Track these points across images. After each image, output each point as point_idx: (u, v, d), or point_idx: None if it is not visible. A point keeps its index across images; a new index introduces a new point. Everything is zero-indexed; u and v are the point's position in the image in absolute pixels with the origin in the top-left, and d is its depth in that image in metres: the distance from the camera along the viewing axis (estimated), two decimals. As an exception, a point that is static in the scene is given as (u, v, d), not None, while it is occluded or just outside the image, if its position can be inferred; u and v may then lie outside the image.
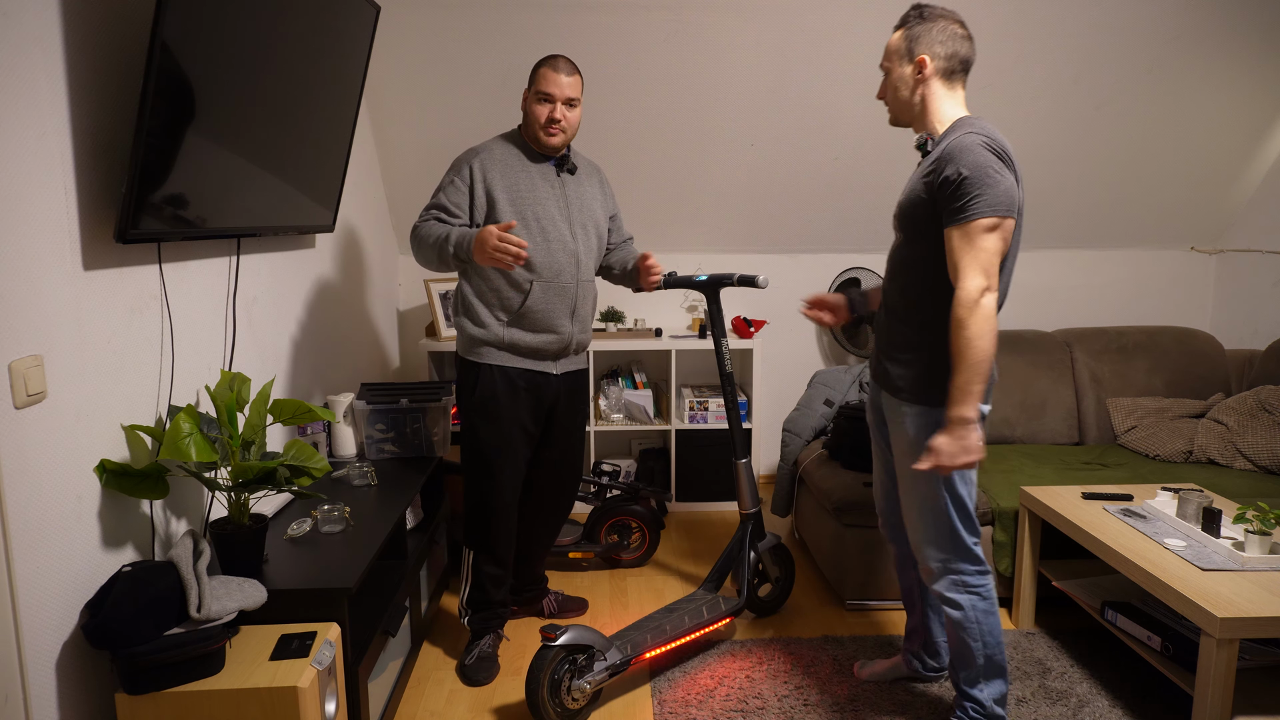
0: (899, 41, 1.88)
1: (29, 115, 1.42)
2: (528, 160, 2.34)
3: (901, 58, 1.88)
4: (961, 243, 1.73)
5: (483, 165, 2.30)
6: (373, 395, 2.69)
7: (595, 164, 2.54)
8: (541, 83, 2.28)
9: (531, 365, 2.36)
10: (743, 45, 3.22)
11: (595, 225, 2.43)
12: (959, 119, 1.85)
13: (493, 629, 2.49)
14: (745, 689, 2.33)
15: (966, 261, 1.73)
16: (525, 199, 2.30)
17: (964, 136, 1.75)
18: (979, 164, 1.71)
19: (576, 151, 2.48)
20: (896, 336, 1.95)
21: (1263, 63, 3.37)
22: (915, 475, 1.91)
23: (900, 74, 1.89)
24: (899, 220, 1.93)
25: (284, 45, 2.00)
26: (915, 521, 1.97)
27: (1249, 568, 2.01)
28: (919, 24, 1.86)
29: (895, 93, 1.91)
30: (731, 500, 3.75)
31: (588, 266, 2.39)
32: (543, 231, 2.30)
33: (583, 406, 2.57)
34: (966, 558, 1.94)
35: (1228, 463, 3.09)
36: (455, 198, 2.29)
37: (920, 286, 1.88)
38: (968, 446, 1.74)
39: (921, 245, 1.86)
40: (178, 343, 1.88)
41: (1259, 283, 3.86)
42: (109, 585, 1.56)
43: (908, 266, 1.92)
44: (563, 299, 2.34)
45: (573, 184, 2.39)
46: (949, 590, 1.96)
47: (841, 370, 3.43)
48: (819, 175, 3.68)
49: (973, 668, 1.99)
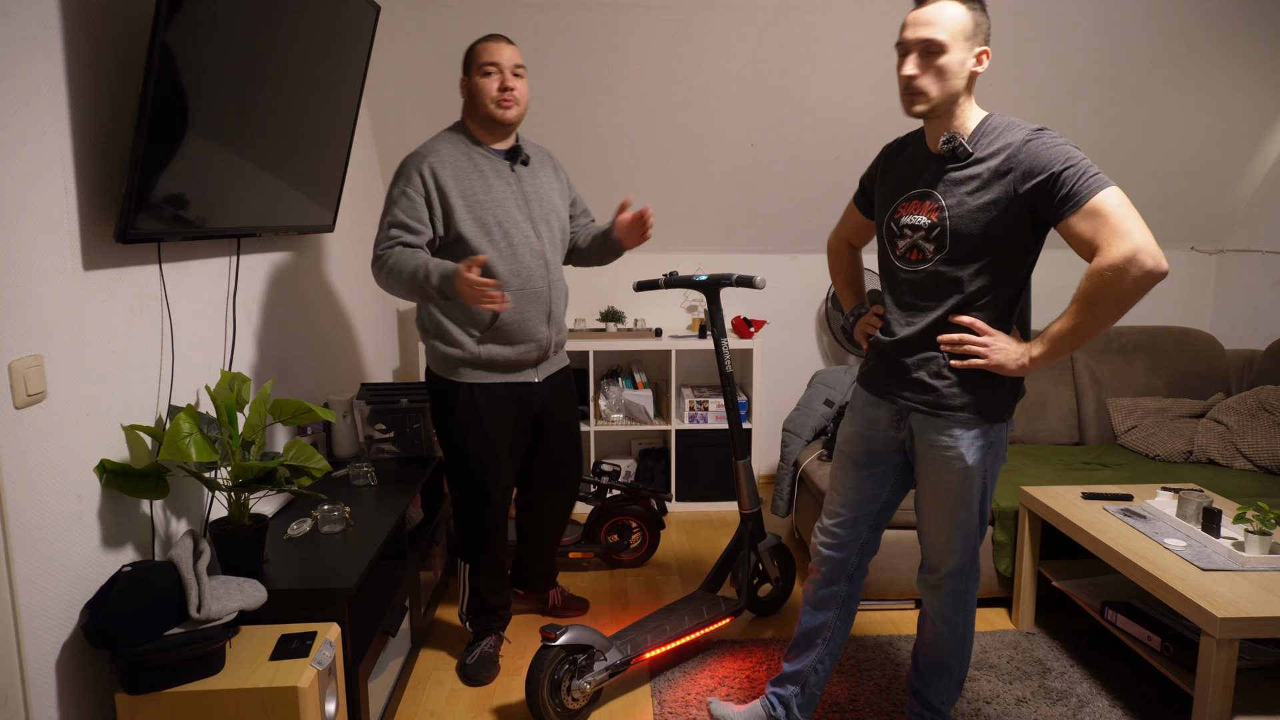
0: (965, 21, 1.60)
1: (29, 115, 1.42)
2: (478, 158, 2.21)
3: (968, 40, 1.61)
4: (1108, 211, 1.54)
5: (433, 170, 2.14)
6: (373, 395, 2.69)
7: (545, 149, 2.42)
8: (482, 55, 2.17)
9: (513, 378, 2.29)
10: (743, 45, 3.22)
11: (558, 218, 2.33)
12: (990, 116, 1.68)
13: (494, 630, 2.48)
14: (745, 689, 2.33)
15: (1122, 223, 1.52)
16: (483, 203, 2.17)
17: (1037, 134, 1.61)
18: (1077, 154, 1.58)
19: (525, 139, 2.35)
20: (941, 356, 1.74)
21: (1263, 63, 3.37)
22: (959, 502, 1.78)
23: (962, 60, 1.62)
24: (956, 239, 1.67)
25: (284, 45, 2.00)
26: (944, 545, 1.85)
27: (1249, 568, 2.01)
28: (979, 10, 1.63)
29: (950, 78, 1.62)
30: (731, 500, 3.75)
31: (556, 264, 2.31)
32: (506, 237, 2.18)
33: (573, 404, 2.52)
34: (975, 575, 1.91)
35: (1228, 463, 3.09)
36: (414, 212, 2.13)
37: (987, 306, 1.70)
38: (1011, 363, 1.66)
39: (989, 260, 1.67)
40: (178, 343, 1.88)
41: (1259, 283, 3.86)
42: (109, 585, 1.56)
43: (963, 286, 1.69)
44: (536, 305, 2.25)
45: (528, 176, 2.27)
46: (953, 611, 1.90)
47: (841, 370, 3.42)
48: (819, 175, 3.68)
49: (951, 681, 1.97)
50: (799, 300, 4.07)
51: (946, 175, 1.69)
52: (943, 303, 1.72)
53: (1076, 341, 1.62)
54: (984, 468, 1.77)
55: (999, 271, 1.68)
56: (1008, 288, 1.70)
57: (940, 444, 1.75)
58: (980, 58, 1.64)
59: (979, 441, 1.74)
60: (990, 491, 1.82)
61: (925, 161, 1.74)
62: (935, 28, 1.60)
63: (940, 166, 1.71)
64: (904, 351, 1.78)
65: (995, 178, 1.62)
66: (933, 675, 1.99)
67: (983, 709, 2.23)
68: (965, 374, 1.72)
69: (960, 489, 1.77)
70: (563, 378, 2.46)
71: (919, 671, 2.03)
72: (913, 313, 1.76)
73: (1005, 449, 1.82)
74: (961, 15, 1.60)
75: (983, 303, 1.70)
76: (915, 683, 2.04)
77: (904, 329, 1.77)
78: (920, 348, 1.75)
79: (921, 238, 1.72)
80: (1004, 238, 1.65)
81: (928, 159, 1.74)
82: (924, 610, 1.99)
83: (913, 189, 1.75)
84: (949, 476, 1.77)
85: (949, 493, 1.79)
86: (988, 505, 1.84)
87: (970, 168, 1.66)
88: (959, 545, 1.85)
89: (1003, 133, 1.64)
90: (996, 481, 1.84)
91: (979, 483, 1.78)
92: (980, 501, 1.81)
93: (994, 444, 1.76)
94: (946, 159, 1.69)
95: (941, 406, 1.73)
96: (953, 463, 1.75)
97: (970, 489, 1.78)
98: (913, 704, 2.05)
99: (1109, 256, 1.53)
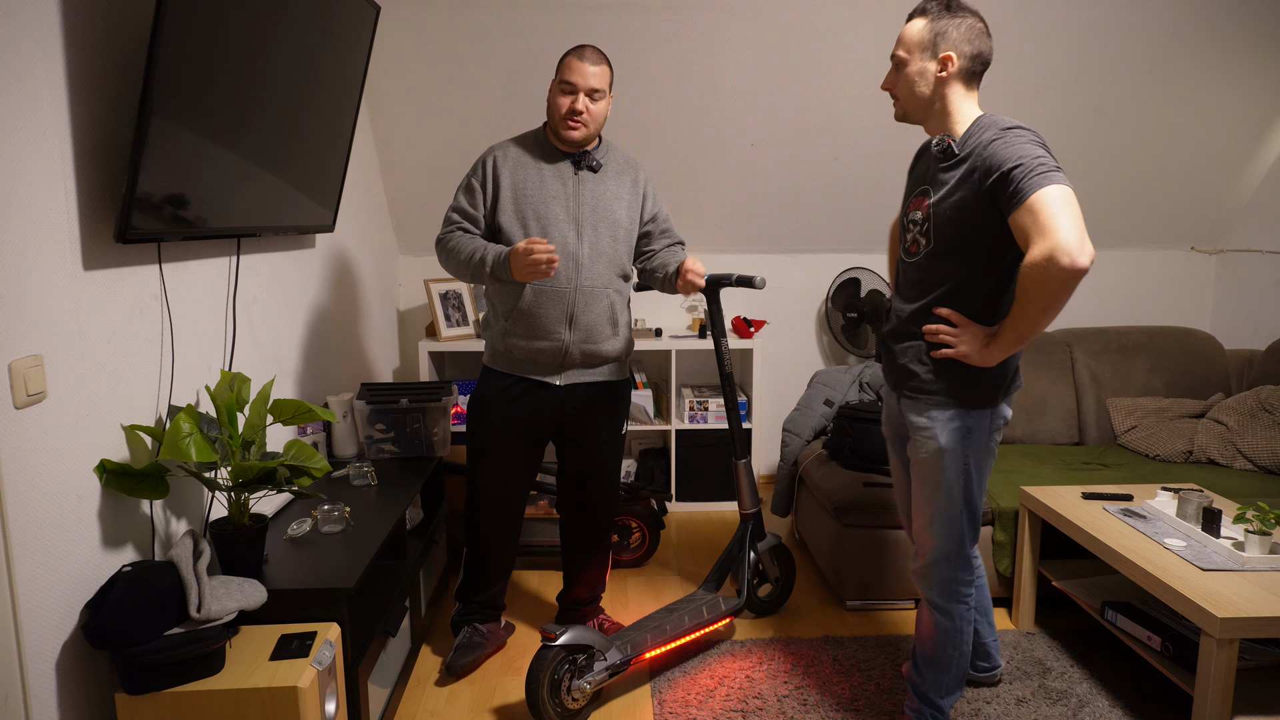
0: (922, 33, 1.75)
1: (29, 115, 1.42)
2: (543, 158, 2.27)
3: (924, 50, 1.75)
4: (1028, 215, 1.59)
5: (496, 162, 2.26)
6: (373, 395, 2.69)
7: (635, 162, 2.41)
8: (565, 71, 2.19)
9: (530, 375, 2.31)
10: (743, 45, 3.22)
11: (612, 227, 2.29)
12: (980, 117, 1.76)
13: (470, 623, 2.47)
14: (745, 689, 2.33)
15: (1036, 228, 1.58)
16: (530, 196, 2.23)
17: (1003, 132, 1.68)
18: (1024, 149, 1.64)
19: (614, 147, 2.38)
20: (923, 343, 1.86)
21: (1263, 63, 3.37)
22: (936, 484, 1.86)
23: (921, 68, 1.77)
24: (938, 233, 1.79)
25: (284, 45, 2.00)
26: (925, 529, 1.93)
27: (1249, 568, 2.01)
28: (946, 17, 1.74)
29: (912, 87, 1.79)
30: (731, 500, 3.75)
31: (593, 271, 2.26)
32: (542, 231, 2.22)
33: (603, 422, 2.40)
34: (965, 566, 1.94)
35: (1228, 463, 3.09)
36: (472, 198, 2.27)
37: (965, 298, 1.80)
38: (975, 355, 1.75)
39: (966, 254, 1.77)
40: (178, 343, 1.88)
41: (1259, 283, 3.86)
42: (109, 585, 1.56)
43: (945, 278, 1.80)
44: (556, 304, 2.24)
45: (591, 182, 2.27)
46: (943, 599, 1.94)
47: (841, 370, 3.43)
48: (819, 175, 3.68)
49: (948, 674, 1.99)
50: (799, 300, 4.08)
51: (938, 174, 1.82)
52: (929, 293, 1.84)
53: (1019, 336, 1.71)
54: (961, 452, 1.84)
55: (978, 264, 1.78)
56: (988, 279, 1.79)
57: (918, 425, 1.87)
58: (944, 63, 1.75)
59: (953, 424, 1.83)
60: (977, 482, 1.88)
61: (930, 161, 1.87)
62: (899, 44, 1.81)
63: (935, 166, 1.83)
64: (896, 338, 1.92)
65: (966, 176, 1.74)
66: (930, 669, 2.00)
67: (983, 709, 2.23)
68: (942, 360, 1.82)
69: (935, 470, 1.86)
70: (591, 391, 2.36)
71: (917, 666, 2.04)
72: (907, 302, 1.90)
73: (992, 440, 1.88)
74: (919, 28, 1.77)
75: (965, 294, 1.80)
76: (914, 677, 2.05)
77: (898, 317, 1.92)
78: (907, 335, 1.89)
79: (919, 231, 1.86)
80: (974, 233, 1.75)
81: (931, 159, 1.86)
82: (920, 603, 2.02)
83: (919, 187, 1.90)
84: (926, 458, 1.87)
85: (926, 474, 1.88)
86: (975, 496, 1.89)
87: (954, 168, 1.77)
88: (939, 530, 1.90)
89: (981, 133, 1.74)
90: (986, 475, 1.90)
91: (957, 466, 1.85)
92: (963, 489, 1.87)
93: (973, 430, 1.84)
94: (940, 159, 1.81)
95: (920, 390, 1.86)
96: (928, 443, 1.86)
97: (945, 471, 1.85)
98: (912, 700, 2.06)
99: (1030, 255, 1.61)
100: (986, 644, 2.28)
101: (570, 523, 2.53)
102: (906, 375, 1.88)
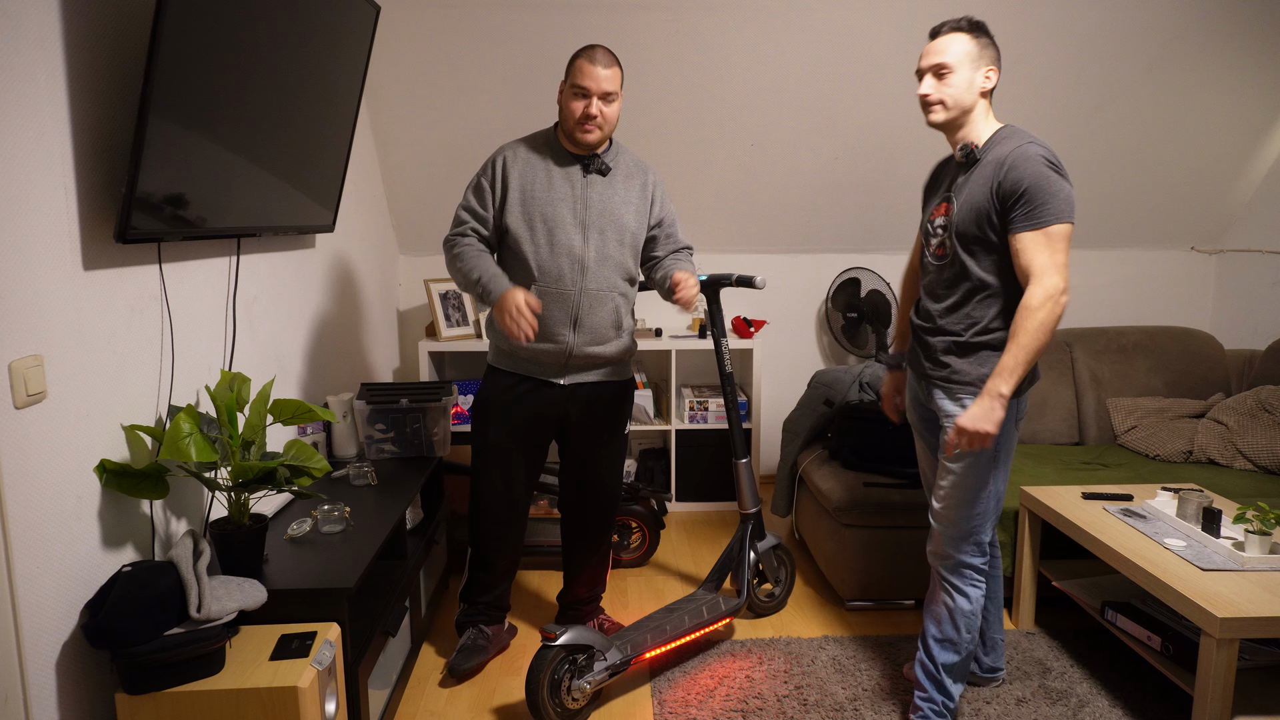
0: (974, 47, 1.90)
1: (29, 115, 1.42)
2: (553, 160, 2.25)
3: (975, 62, 1.91)
4: (1039, 245, 1.80)
5: (505, 162, 2.26)
6: (373, 395, 2.69)
7: (645, 164, 2.38)
8: (577, 75, 2.16)
9: (533, 374, 2.32)
10: (743, 45, 3.22)
11: (618, 230, 2.28)
12: (1002, 128, 1.93)
13: (475, 624, 2.47)
14: (745, 689, 2.33)
15: (1043, 262, 1.79)
16: (537, 199, 2.23)
17: (1026, 146, 1.83)
18: (1047, 174, 1.80)
19: (625, 150, 2.36)
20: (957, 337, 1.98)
21: (1263, 63, 3.37)
22: (966, 468, 1.95)
23: (971, 79, 1.91)
24: (962, 235, 1.92)
25: (284, 45, 2.00)
26: (950, 512, 2.00)
27: (1249, 568, 2.01)
28: (984, 37, 1.91)
29: (961, 95, 1.92)
30: (731, 500, 3.75)
31: (598, 274, 2.25)
32: (549, 235, 2.22)
33: (605, 422, 2.41)
34: (981, 550, 2.02)
35: (1228, 463, 3.09)
36: (482, 198, 2.27)
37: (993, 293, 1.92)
38: (994, 418, 1.82)
39: (992, 253, 1.90)
40: (178, 343, 1.88)
41: (1259, 283, 3.86)
42: (109, 585, 1.56)
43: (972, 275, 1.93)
44: (561, 306, 2.24)
45: (599, 185, 2.26)
46: (961, 581, 2.02)
47: (841, 370, 3.42)
48: (819, 175, 3.68)
49: (958, 656, 2.03)
50: (799, 300, 4.08)
51: (960, 180, 1.95)
52: (956, 290, 1.97)
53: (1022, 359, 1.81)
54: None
55: (1001, 265, 1.90)
56: (1012, 278, 1.90)
57: (952, 412, 1.98)
58: (988, 75, 1.92)
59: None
60: (1001, 466, 1.97)
61: (953, 170, 2.01)
62: (944, 54, 1.91)
63: (958, 172, 1.97)
64: (930, 333, 2.04)
65: (986, 182, 1.88)
66: (941, 649, 2.04)
67: (983, 709, 2.23)
68: (971, 352, 1.95)
69: (964, 454, 1.95)
70: (595, 391, 2.36)
71: (927, 650, 2.07)
72: (938, 300, 2.02)
73: (1015, 428, 1.97)
74: (966, 42, 1.91)
75: (989, 292, 1.93)
76: (924, 661, 2.07)
77: (931, 315, 2.04)
78: (941, 330, 2.00)
79: (945, 235, 1.98)
80: (994, 236, 1.88)
81: (954, 168, 2.00)
82: (933, 582, 2.07)
83: (943, 195, 2.01)
84: None
85: (956, 458, 1.97)
86: (999, 482, 1.97)
87: (977, 171, 1.91)
88: (962, 512, 1.98)
89: (1003, 143, 1.89)
90: (1009, 462, 1.99)
91: (986, 451, 1.93)
92: (991, 473, 1.96)
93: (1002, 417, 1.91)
94: (963, 166, 1.95)
95: (952, 381, 1.98)
96: None
97: (977, 455, 1.94)
98: (921, 689, 2.08)
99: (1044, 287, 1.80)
100: (994, 639, 2.29)
101: (571, 522, 2.53)
102: (940, 365, 2.00)
